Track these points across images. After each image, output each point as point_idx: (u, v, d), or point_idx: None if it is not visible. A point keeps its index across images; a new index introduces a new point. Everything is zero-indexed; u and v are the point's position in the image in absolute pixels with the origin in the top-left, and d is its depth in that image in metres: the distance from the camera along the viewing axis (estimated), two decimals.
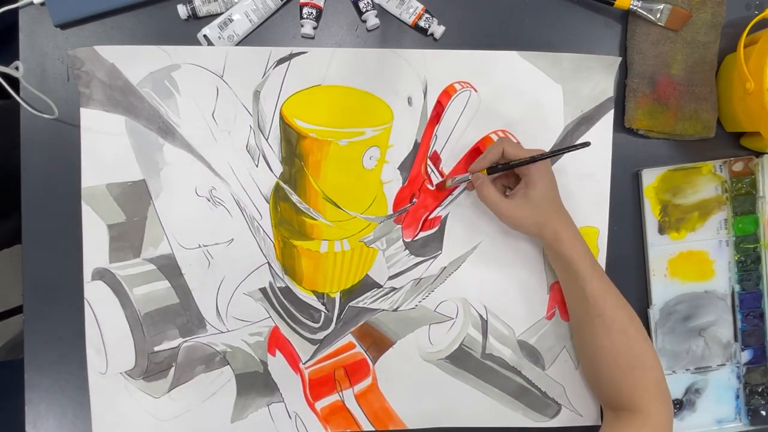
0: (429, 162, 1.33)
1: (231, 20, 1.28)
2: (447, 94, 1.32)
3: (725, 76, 1.35)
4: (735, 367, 1.40)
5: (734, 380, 1.40)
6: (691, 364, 1.40)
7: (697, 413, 1.40)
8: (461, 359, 1.36)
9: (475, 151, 1.33)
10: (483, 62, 1.33)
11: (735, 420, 1.41)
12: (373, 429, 1.36)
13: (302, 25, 1.30)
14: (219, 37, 1.28)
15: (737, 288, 1.39)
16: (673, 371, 1.39)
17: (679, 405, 1.40)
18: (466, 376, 1.36)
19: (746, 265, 1.38)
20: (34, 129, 1.29)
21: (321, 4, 1.30)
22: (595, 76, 1.34)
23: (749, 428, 1.41)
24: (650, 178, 1.37)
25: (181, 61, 1.28)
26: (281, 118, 1.30)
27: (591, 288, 1.22)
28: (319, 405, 1.35)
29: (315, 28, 1.31)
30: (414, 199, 1.33)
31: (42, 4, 1.26)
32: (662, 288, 1.39)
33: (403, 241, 1.34)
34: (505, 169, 1.24)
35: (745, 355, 1.40)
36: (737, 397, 1.41)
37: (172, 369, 1.32)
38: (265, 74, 1.29)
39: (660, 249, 1.38)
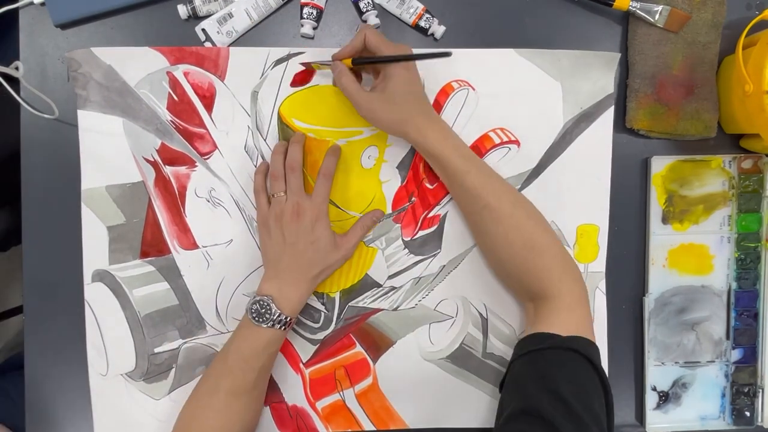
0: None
1: (231, 16, 1.28)
2: (445, 92, 1.32)
3: (724, 77, 1.35)
4: (724, 365, 1.41)
5: (722, 378, 1.41)
6: (680, 357, 1.40)
7: (682, 407, 1.41)
8: (462, 358, 1.36)
9: (474, 149, 1.32)
10: (480, 60, 1.33)
11: (719, 418, 1.41)
12: (374, 428, 1.36)
13: (302, 25, 1.30)
14: (218, 32, 1.28)
15: (734, 286, 1.39)
16: (662, 363, 1.40)
17: (665, 397, 1.40)
18: (467, 375, 1.36)
19: (745, 264, 1.38)
20: (34, 129, 1.30)
21: (322, 4, 1.30)
22: (594, 73, 1.34)
23: (732, 428, 1.41)
24: (659, 166, 1.37)
25: (179, 62, 1.28)
26: (279, 118, 1.30)
27: (470, 180, 1.20)
28: (320, 405, 1.35)
29: (315, 29, 1.31)
30: (413, 198, 1.33)
31: (42, 4, 1.26)
32: (660, 278, 1.39)
33: (403, 240, 1.34)
34: (367, 63, 1.21)
35: (735, 354, 1.40)
36: (723, 395, 1.41)
37: (173, 370, 1.33)
38: (263, 75, 1.29)
39: (661, 239, 1.39)
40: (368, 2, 1.30)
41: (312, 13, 1.29)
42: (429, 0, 1.32)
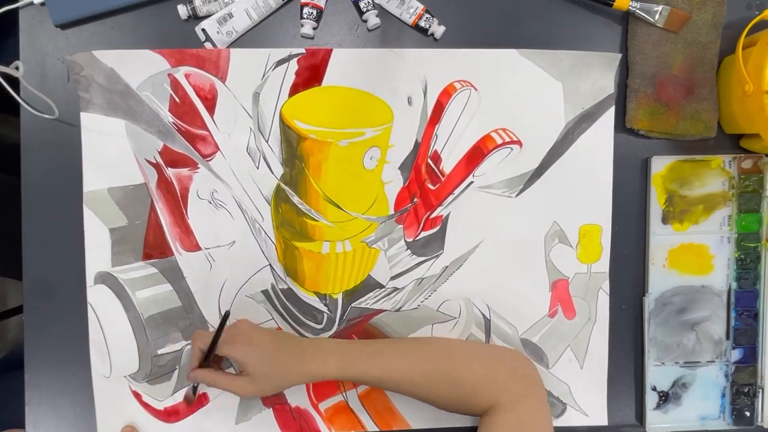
0: (430, 161, 1.33)
1: (231, 16, 1.27)
2: (447, 93, 1.32)
3: (724, 77, 1.35)
4: (724, 365, 1.41)
5: (722, 378, 1.41)
6: (680, 357, 1.40)
7: (682, 408, 1.41)
8: None
9: (476, 150, 1.33)
10: (482, 61, 1.33)
11: (719, 418, 1.42)
12: (377, 429, 1.37)
13: (302, 25, 1.30)
14: (218, 32, 1.28)
15: (734, 286, 1.39)
16: (662, 363, 1.40)
17: (665, 397, 1.40)
18: None
19: (745, 264, 1.39)
20: (34, 129, 1.29)
21: (322, 4, 1.30)
22: (594, 73, 1.34)
23: (732, 428, 1.41)
24: (659, 166, 1.37)
25: (180, 64, 1.28)
26: (281, 119, 1.30)
27: (384, 374, 1.19)
28: (323, 406, 1.35)
29: (315, 29, 1.31)
30: (415, 199, 1.33)
31: (42, 4, 1.26)
32: (660, 278, 1.39)
33: (405, 240, 1.34)
34: (208, 358, 1.20)
35: (735, 354, 1.41)
36: (723, 395, 1.41)
37: (176, 372, 1.33)
38: (264, 76, 1.29)
39: (661, 239, 1.39)
40: (368, 2, 1.30)
41: (312, 13, 1.29)
42: (429, 0, 1.31)
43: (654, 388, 1.39)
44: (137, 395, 1.32)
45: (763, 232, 1.38)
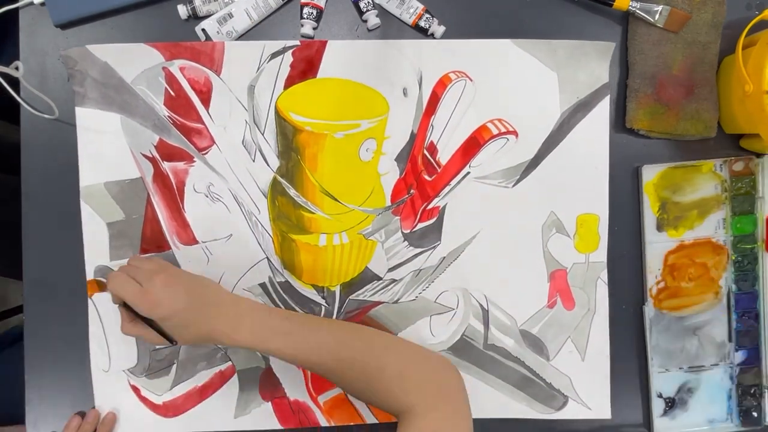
0: (426, 152, 1.33)
1: (231, 16, 1.28)
2: (442, 84, 1.32)
3: (724, 77, 1.35)
4: (728, 367, 1.40)
5: (727, 380, 1.40)
6: (684, 362, 1.39)
7: (689, 412, 1.40)
8: (463, 350, 1.36)
9: (472, 141, 1.33)
10: (478, 51, 1.33)
11: (726, 420, 1.41)
12: (377, 421, 1.36)
13: (302, 25, 1.31)
14: (218, 32, 1.29)
15: (733, 288, 1.39)
16: (667, 369, 1.39)
17: (671, 404, 1.39)
18: (468, 367, 1.36)
19: (743, 266, 1.38)
20: (34, 129, 1.30)
21: (322, 4, 1.31)
22: (590, 63, 1.34)
23: (740, 429, 1.40)
24: (650, 174, 1.37)
25: (175, 58, 1.29)
26: (276, 112, 1.31)
27: (326, 355, 1.12)
28: (322, 398, 1.35)
29: (315, 29, 1.32)
30: (411, 190, 1.33)
31: (42, 4, 1.27)
32: None
33: (402, 232, 1.34)
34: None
35: (739, 356, 1.40)
36: (729, 397, 1.40)
37: (174, 366, 1.33)
38: (259, 68, 1.30)
39: (657, 246, 1.38)
40: (368, 2, 1.31)
41: (312, 13, 1.30)
42: (429, 0, 1.32)
43: (660, 395, 1.39)
44: (136, 389, 1.33)
45: (758, 233, 1.38)
